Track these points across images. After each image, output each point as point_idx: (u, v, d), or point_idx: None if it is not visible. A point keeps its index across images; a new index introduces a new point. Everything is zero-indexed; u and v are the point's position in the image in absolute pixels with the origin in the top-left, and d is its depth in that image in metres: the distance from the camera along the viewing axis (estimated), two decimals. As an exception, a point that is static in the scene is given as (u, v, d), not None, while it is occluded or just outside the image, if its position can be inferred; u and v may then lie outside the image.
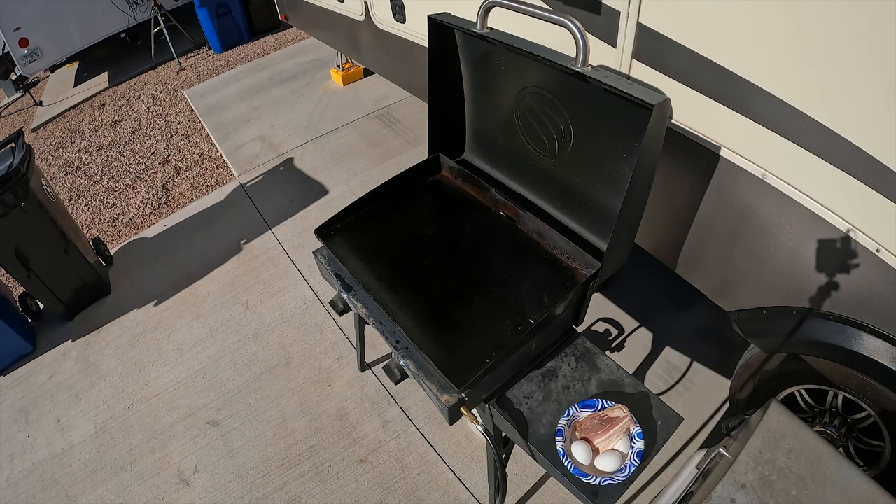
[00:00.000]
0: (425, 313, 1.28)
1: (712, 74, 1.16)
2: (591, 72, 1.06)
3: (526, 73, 1.32)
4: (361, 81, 4.28)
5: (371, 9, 2.57)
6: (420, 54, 2.33)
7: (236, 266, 2.82)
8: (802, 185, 1.14)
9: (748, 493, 0.99)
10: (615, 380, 1.30)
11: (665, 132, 1.09)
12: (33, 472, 2.05)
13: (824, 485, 0.99)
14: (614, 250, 1.23)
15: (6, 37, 4.53)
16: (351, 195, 3.06)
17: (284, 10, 3.78)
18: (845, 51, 0.94)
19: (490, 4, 1.20)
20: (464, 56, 1.47)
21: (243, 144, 3.80)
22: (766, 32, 1.04)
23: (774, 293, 1.36)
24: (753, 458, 1.04)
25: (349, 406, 2.08)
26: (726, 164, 1.26)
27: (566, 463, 1.14)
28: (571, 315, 1.38)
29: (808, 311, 1.28)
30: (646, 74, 1.31)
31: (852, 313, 1.21)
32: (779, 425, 1.08)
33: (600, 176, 1.30)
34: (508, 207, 1.48)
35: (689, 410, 1.86)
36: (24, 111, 5.46)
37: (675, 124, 1.32)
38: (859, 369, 1.26)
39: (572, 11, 1.40)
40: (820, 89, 1.01)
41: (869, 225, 1.07)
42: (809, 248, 1.20)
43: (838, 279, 1.19)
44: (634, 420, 1.18)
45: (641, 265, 2.31)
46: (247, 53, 5.28)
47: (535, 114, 1.36)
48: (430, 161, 1.64)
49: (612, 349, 2.09)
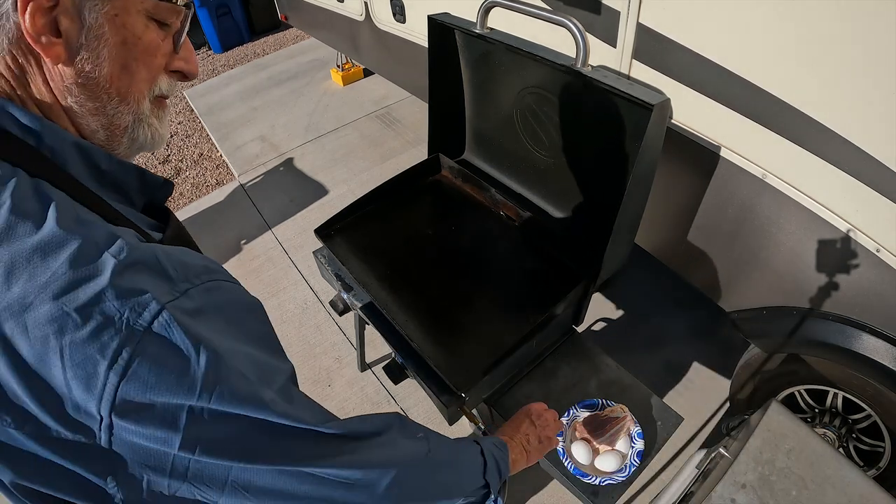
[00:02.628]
0: (425, 313, 1.28)
1: (712, 74, 1.16)
2: (591, 72, 1.06)
3: (526, 73, 1.32)
4: (361, 81, 4.28)
5: (371, 9, 2.57)
6: (420, 54, 2.33)
7: (236, 266, 2.82)
8: (802, 185, 1.14)
9: (748, 493, 0.99)
10: (615, 380, 1.30)
11: (665, 132, 1.09)
12: (33, 473, 2.05)
13: (824, 485, 0.99)
14: (614, 250, 1.23)
15: (6, 37, 4.53)
16: (351, 195, 3.06)
17: (284, 10, 3.79)
18: (845, 50, 0.95)
19: (490, 4, 1.20)
20: (464, 56, 1.47)
21: (243, 144, 3.80)
22: (765, 32, 1.04)
23: (774, 293, 1.36)
24: (753, 458, 1.04)
25: (349, 406, 2.07)
26: (726, 164, 1.26)
27: (566, 463, 1.14)
28: (571, 315, 1.38)
29: (808, 311, 1.29)
30: (646, 74, 1.31)
31: (852, 313, 1.21)
32: (779, 425, 1.08)
33: (600, 176, 1.30)
34: (508, 207, 1.48)
35: (689, 410, 1.85)
36: (24, 111, 5.47)
37: (675, 124, 1.32)
38: (859, 369, 1.26)
39: (572, 11, 1.41)
40: (820, 89, 1.01)
41: (869, 225, 1.07)
42: (809, 248, 1.20)
43: (838, 279, 1.19)
44: (634, 420, 1.18)
45: (641, 265, 2.31)
46: (247, 53, 5.28)
47: (535, 114, 1.36)
48: (430, 161, 1.64)
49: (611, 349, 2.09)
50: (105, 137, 0.54)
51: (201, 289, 0.47)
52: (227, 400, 0.44)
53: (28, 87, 0.49)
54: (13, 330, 0.41)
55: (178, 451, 0.43)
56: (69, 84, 0.49)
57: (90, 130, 0.53)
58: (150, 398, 0.42)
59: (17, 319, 0.41)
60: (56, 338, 0.40)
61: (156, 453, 0.43)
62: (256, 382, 0.47)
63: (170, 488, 0.45)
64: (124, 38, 0.50)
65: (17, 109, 0.47)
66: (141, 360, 0.41)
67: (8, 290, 0.41)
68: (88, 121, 0.52)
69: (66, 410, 0.41)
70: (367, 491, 0.54)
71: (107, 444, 0.42)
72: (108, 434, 0.42)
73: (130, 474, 0.44)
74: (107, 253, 0.43)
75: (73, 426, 0.42)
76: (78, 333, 0.40)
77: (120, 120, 0.54)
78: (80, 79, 0.49)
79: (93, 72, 0.49)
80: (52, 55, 0.47)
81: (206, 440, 0.44)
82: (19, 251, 0.42)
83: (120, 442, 0.43)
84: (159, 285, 0.44)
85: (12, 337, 0.41)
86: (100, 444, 0.42)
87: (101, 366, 0.40)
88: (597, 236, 1.22)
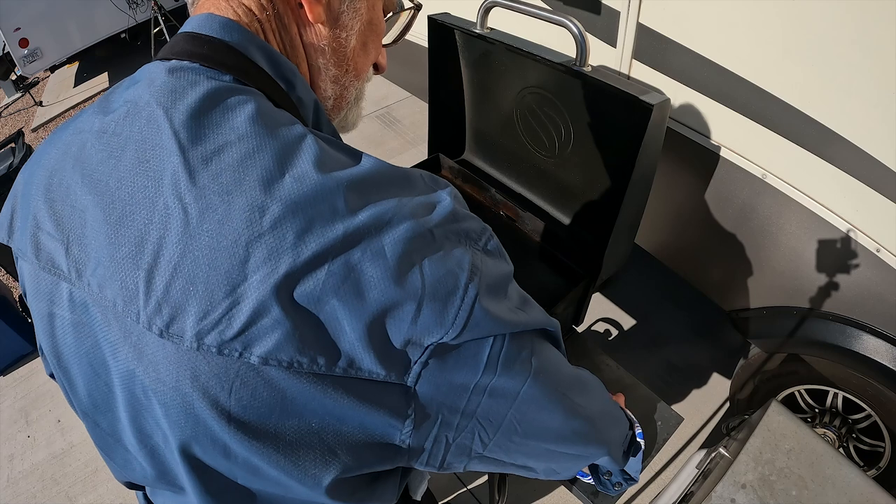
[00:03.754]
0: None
1: (712, 74, 1.17)
2: (591, 72, 1.06)
3: (526, 73, 1.32)
4: (361, 81, 4.28)
5: (371, 9, 2.57)
6: (420, 54, 2.33)
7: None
8: (802, 185, 1.14)
9: (748, 493, 0.99)
10: (615, 380, 1.30)
11: (665, 132, 1.09)
12: (33, 472, 2.05)
13: (824, 485, 0.99)
14: (614, 250, 1.23)
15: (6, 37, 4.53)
16: (351, 195, 3.05)
17: (284, 10, 3.79)
18: (845, 50, 0.95)
19: (490, 4, 1.20)
20: (464, 56, 1.47)
21: (243, 144, 3.80)
22: (765, 32, 1.04)
23: (774, 293, 1.36)
24: (753, 458, 1.04)
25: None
26: (726, 164, 1.26)
27: (566, 463, 1.14)
28: (571, 315, 1.38)
29: (808, 312, 1.29)
30: (646, 74, 1.31)
31: (852, 313, 1.21)
32: (779, 425, 1.08)
33: (600, 176, 1.30)
34: (508, 207, 1.48)
35: (689, 410, 1.85)
36: (24, 111, 5.47)
37: (675, 124, 1.32)
38: (859, 369, 1.26)
39: (572, 11, 1.41)
40: (820, 89, 1.01)
41: (869, 225, 1.07)
42: (809, 248, 1.20)
43: (838, 279, 1.19)
44: (634, 420, 1.18)
45: (641, 265, 2.31)
46: (247, 53, 5.28)
47: (535, 114, 1.36)
48: (430, 161, 1.64)
49: (612, 349, 2.09)
50: (332, 107, 0.55)
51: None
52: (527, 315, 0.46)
53: (281, 33, 0.48)
54: (361, 256, 0.37)
55: (480, 378, 0.42)
56: (324, 44, 0.50)
57: (324, 96, 0.54)
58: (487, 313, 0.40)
59: (371, 243, 0.37)
60: (419, 254, 0.38)
61: (458, 387, 0.41)
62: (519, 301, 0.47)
63: (457, 429, 0.43)
64: (371, 18, 0.52)
65: (277, 54, 0.47)
66: (484, 277, 0.41)
67: (351, 217, 0.37)
68: (327, 85, 0.53)
69: (392, 344, 0.38)
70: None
71: (413, 381, 0.39)
72: (420, 368, 0.39)
73: (427, 414, 0.41)
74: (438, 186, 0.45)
75: (391, 363, 0.38)
76: (437, 253, 0.39)
77: (348, 94, 0.55)
78: (335, 43, 0.50)
79: (346, 41, 0.51)
80: (314, 11, 0.47)
81: (503, 360, 0.43)
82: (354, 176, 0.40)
83: (429, 377, 0.39)
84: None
85: (359, 264, 0.37)
86: (403, 383, 0.39)
87: (462, 278, 0.39)
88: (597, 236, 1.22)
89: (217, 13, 0.46)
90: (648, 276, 2.34)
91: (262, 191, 0.37)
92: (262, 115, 0.41)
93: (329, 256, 0.36)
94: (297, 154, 0.39)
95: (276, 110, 0.43)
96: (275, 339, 0.36)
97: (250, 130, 0.40)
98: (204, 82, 0.42)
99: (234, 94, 0.42)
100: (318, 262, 0.36)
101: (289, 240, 0.36)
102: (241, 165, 0.38)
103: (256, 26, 0.47)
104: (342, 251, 0.36)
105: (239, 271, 0.36)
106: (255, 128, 0.40)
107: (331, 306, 0.36)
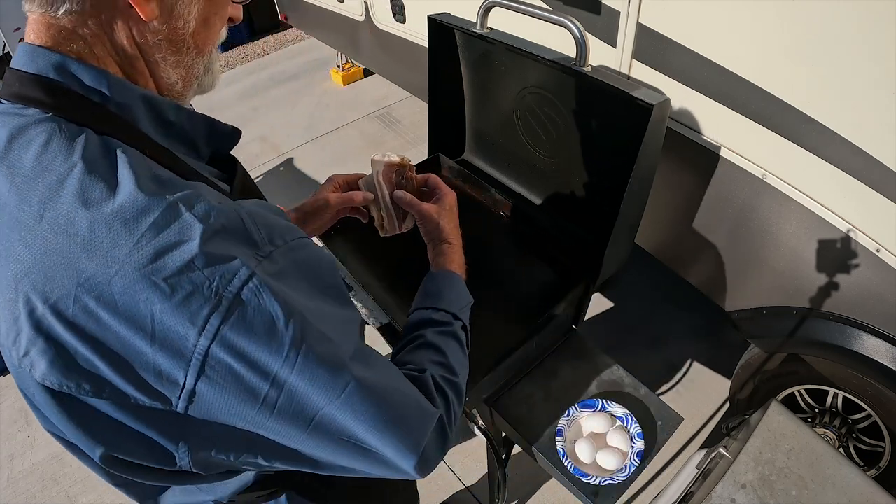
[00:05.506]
0: (425, 313, 1.27)
1: (712, 74, 1.17)
2: (591, 72, 1.06)
3: (526, 73, 1.32)
4: (361, 81, 4.28)
5: (371, 9, 2.57)
6: (420, 54, 2.33)
7: (236, 266, 2.82)
8: (802, 185, 1.14)
9: (748, 493, 1.00)
10: (615, 380, 1.30)
11: (665, 132, 1.09)
12: (33, 472, 2.05)
13: (824, 485, 0.99)
14: (614, 250, 1.23)
15: (6, 37, 4.53)
16: (351, 195, 3.05)
17: (284, 9, 3.78)
18: (845, 50, 0.95)
19: (490, 4, 1.20)
20: (464, 56, 1.47)
21: (243, 144, 3.79)
22: (765, 32, 1.04)
23: (774, 293, 1.36)
24: (753, 458, 1.04)
25: (349, 406, 2.07)
26: (726, 164, 1.26)
27: (566, 463, 1.14)
28: (571, 315, 1.38)
29: (809, 311, 1.29)
30: (646, 74, 1.31)
31: (852, 313, 1.21)
32: (779, 425, 1.08)
33: (600, 176, 1.30)
34: (508, 207, 1.48)
35: (689, 410, 1.86)
36: (24, 111, 5.47)
37: (675, 124, 1.32)
38: (859, 369, 1.26)
39: (572, 11, 1.41)
40: (820, 89, 1.01)
41: (869, 225, 1.07)
42: (809, 248, 1.20)
43: (838, 279, 1.19)
44: (635, 420, 1.18)
45: (641, 265, 2.31)
46: (247, 53, 5.28)
47: (535, 114, 1.36)
48: (430, 161, 1.64)
49: (611, 349, 2.09)
50: (181, 88, 0.55)
51: (284, 249, 0.47)
52: (311, 363, 0.45)
53: (109, 44, 0.48)
54: (96, 303, 0.40)
55: (257, 413, 0.44)
56: (158, 40, 0.50)
57: (169, 83, 0.54)
58: (240, 360, 0.42)
59: (103, 290, 0.40)
60: (146, 306, 0.40)
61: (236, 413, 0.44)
62: (336, 342, 0.48)
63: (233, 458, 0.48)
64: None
65: (79, 67, 0.46)
66: (230, 326, 0.41)
67: (89, 261, 0.40)
68: (170, 73, 0.53)
69: (145, 379, 0.42)
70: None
71: (183, 410, 0.43)
72: (187, 402, 0.42)
73: (203, 440, 0.45)
74: (191, 216, 0.42)
75: (152, 394, 0.42)
76: (167, 303, 0.40)
77: (195, 70, 0.55)
78: (171, 34, 0.50)
79: (183, 28, 0.51)
80: (146, 10, 0.47)
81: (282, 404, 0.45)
82: (98, 218, 0.41)
83: (199, 407, 0.43)
84: (246, 250, 0.44)
85: (96, 310, 0.40)
86: (175, 410, 0.43)
87: (191, 332, 0.40)
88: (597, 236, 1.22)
89: (33, 41, 0.48)
90: (648, 276, 2.34)
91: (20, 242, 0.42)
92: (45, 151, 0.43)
93: (71, 299, 0.40)
94: (56, 196, 0.42)
95: (63, 139, 0.44)
96: (44, 366, 0.41)
97: (32, 171, 0.43)
98: (8, 122, 0.44)
99: (29, 130, 0.44)
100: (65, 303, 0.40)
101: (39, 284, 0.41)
102: (18, 209, 0.43)
103: (76, 45, 0.47)
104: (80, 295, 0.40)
105: (15, 307, 0.42)
106: (35, 167, 0.43)
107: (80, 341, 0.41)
